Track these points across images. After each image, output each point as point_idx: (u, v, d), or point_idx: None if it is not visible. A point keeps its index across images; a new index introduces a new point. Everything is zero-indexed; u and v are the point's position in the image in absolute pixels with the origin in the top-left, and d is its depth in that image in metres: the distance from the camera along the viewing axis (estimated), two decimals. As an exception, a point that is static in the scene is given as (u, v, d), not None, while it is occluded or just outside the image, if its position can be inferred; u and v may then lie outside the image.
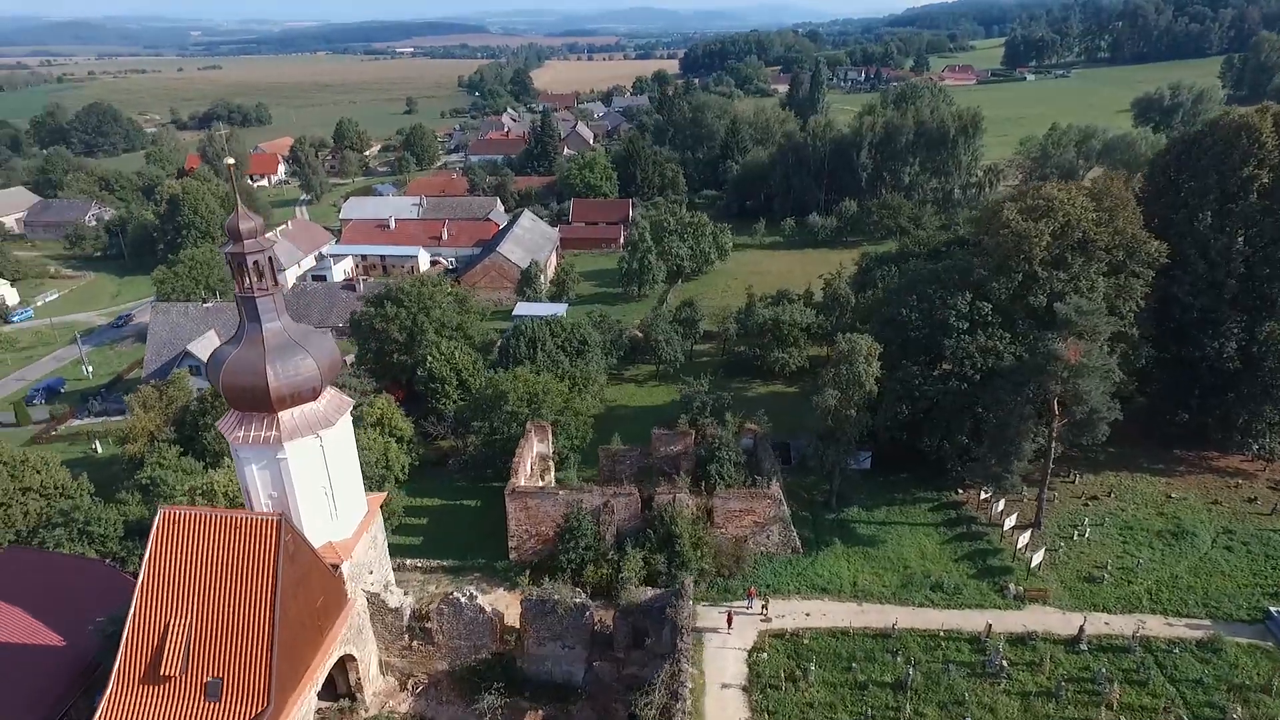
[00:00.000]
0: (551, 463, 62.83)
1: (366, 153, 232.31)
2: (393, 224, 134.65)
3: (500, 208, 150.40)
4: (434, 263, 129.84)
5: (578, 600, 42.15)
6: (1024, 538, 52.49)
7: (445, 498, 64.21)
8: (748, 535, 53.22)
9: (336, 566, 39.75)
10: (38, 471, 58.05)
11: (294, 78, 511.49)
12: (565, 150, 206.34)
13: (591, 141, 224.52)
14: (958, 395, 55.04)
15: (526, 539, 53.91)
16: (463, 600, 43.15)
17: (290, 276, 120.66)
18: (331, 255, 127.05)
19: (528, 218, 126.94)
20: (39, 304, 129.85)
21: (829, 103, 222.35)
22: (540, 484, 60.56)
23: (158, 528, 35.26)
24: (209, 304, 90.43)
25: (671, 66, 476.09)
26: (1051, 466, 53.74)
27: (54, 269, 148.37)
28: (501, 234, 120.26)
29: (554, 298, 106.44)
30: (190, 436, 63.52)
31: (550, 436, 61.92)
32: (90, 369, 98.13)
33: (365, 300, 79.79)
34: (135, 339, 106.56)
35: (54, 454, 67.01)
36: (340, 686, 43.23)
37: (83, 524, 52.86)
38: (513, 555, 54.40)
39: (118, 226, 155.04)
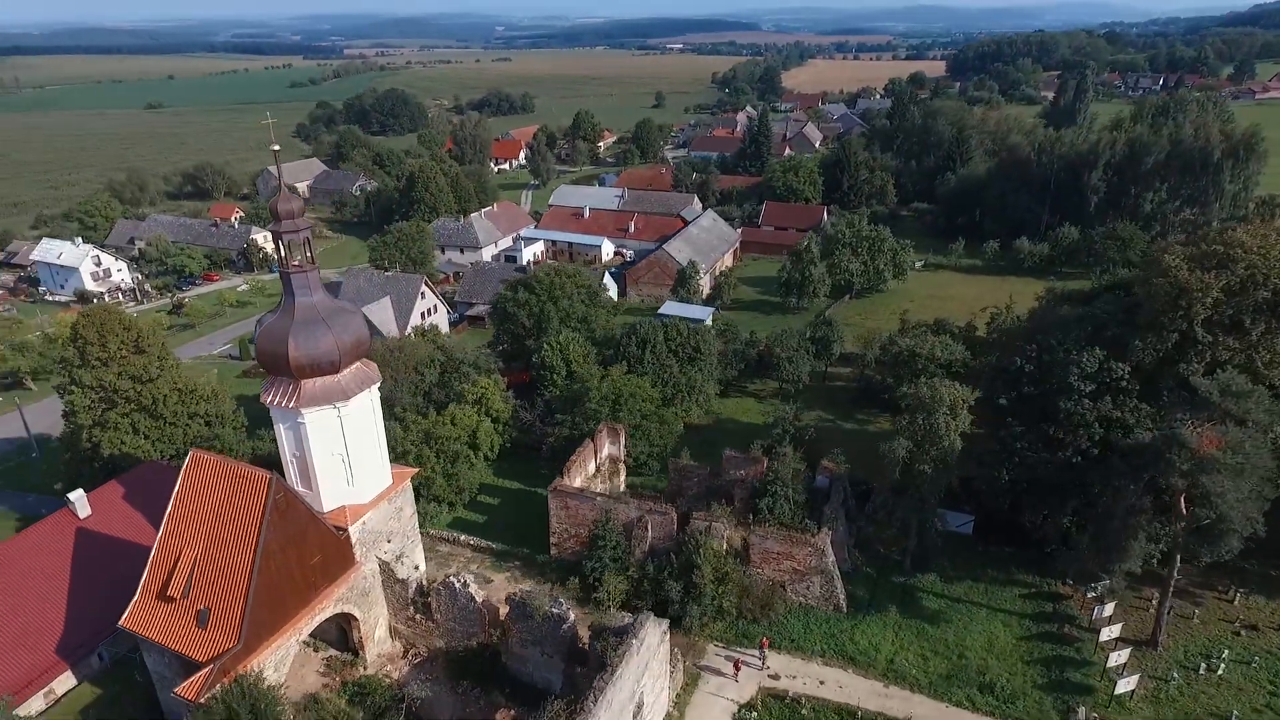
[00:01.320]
0: (623, 466, 62.24)
1: (601, 144, 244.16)
2: (586, 213, 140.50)
3: (697, 205, 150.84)
4: (617, 254, 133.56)
5: (555, 610, 41.47)
6: (1120, 655, 42.92)
7: (525, 483, 66.03)
8: (786, 581, 49.01)
9: (342, 529, 42.67)
10: (206, 400, 68.42)
11: (567, 70, 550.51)
12: (787, 151, 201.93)
13: (817, 144, 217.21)
14: (1066, 469, 46.20)
15: (567, 538, 54.02)
16: (456, 586, 44.31)
17: (485, 254, 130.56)
18: (526, 238, 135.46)
19: (709, 217, 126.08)
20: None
21: (1094, 114, 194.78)
22: (605, 485, 60.46)
23: (187, 467, 40.19)
24: (389, 273, 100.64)
25: (938, 68, 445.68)
26: (1179, 577, 43.43)
27: (319, 230, 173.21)
28: (678, 231, 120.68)
29: (708, 301, 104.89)
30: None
31: (623, 440, 61.29)
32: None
33: (505, 284, 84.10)
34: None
35: (255, 387, 78.22)
36: (351, 641, 46.54)
37: (218, 452, 61.55)
38: (553, 551, 54.85)
39: (374, 197, 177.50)
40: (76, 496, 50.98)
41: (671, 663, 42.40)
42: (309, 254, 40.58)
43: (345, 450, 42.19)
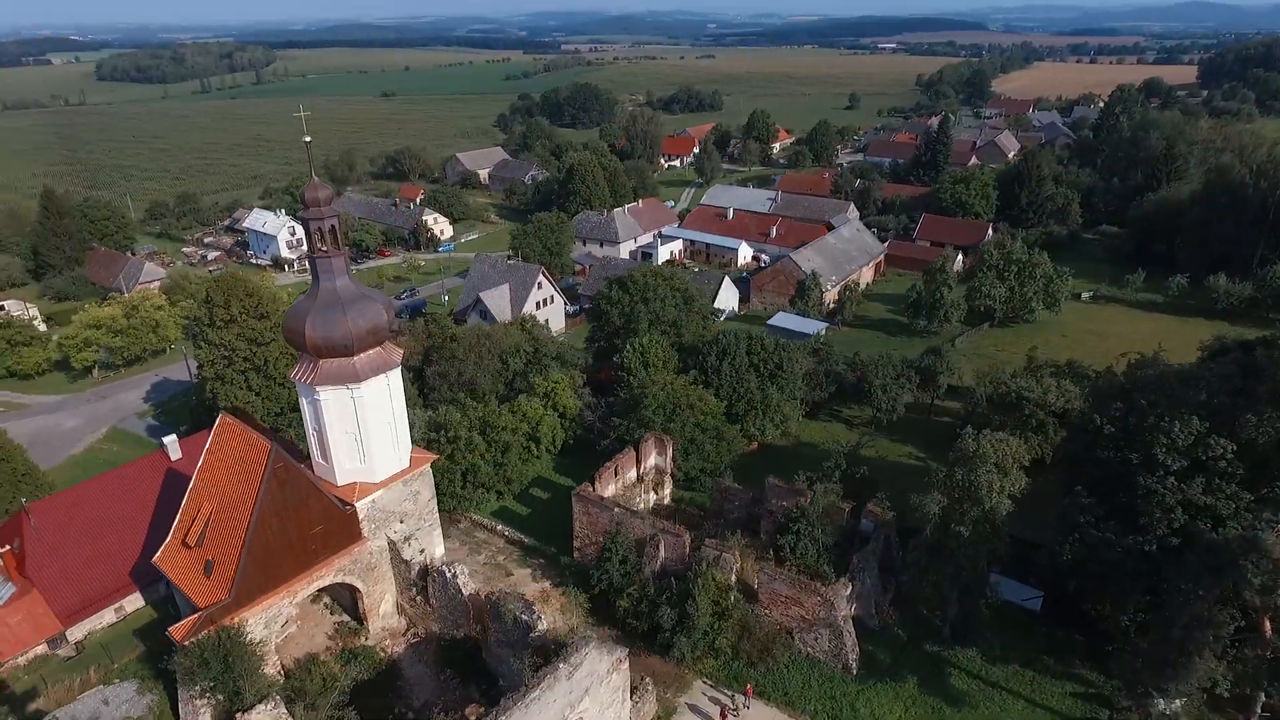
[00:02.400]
0: (669, 479, 60.38)
1: (776, 145, 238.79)
2: (730, 214, 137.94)
3: (852, 214, 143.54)
4: (754, 258, 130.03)
5: (524, 616, 40.92)
6: (1169, 792, 35.51)
7: (579, 481, 65.71)
8: (794, 628, 45.23)
9: (349, 505, 44.69)
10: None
11: (766, 68, 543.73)
12: (972, 161, 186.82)
13: (1010, 155, 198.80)
14: (1136, 556, 38.76)
15: (588, 543, 53.28)
16: (447, 575, 45.02)
17: (623, 250, 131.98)
18: (665, 236, 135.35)
19: (851, 227, 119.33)
20: (462, 240, 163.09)
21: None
22: (648, 497, 59.03)
23: (216, 428, 43.89)
24: (511, 261, 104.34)
25: (1187, 74, 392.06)
26: (1264, 714, 35.13)
27: (490, 215, 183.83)
28: (815, 238, 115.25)
29: (829, 315, 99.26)
30: (419, 369, 75.23)
31: (670, 451, 59.39)
32: (447, 298, 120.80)
33: (606, 281, 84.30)
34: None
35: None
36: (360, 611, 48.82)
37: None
38: (575, 555, 54.34)
39: (542, 187, 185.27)
40: (170, 440, 57.38)
41: (640, 691, 40.57)
42: (336, 241, 42.61)
43: (358, 429, 44.08)
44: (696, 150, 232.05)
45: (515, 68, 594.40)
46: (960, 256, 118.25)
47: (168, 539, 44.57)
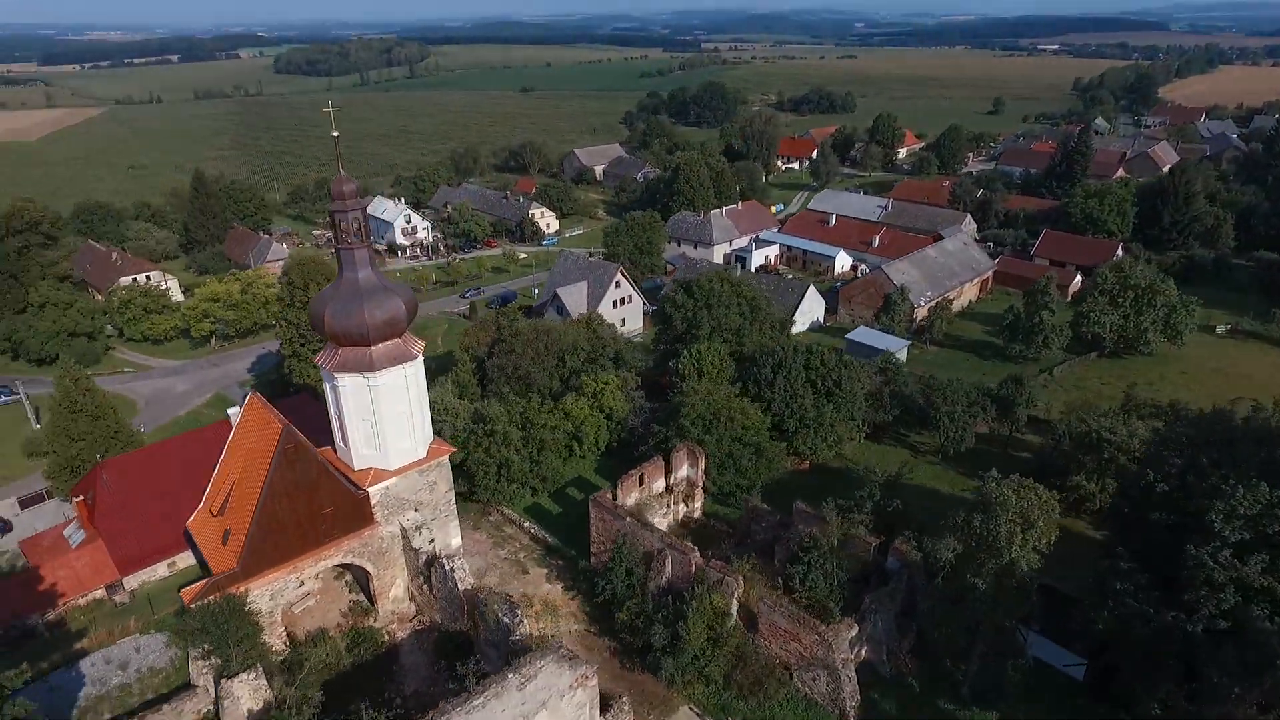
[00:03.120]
0: (700, 492, 58.55)
1: (902, 150, 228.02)
2: (833, 220, 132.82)
3: (967, 226, 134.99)
4: (853, 267, 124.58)
5: (504, 618, 40.69)
6: None
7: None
8: (793, 665, 42.67)
9: (360, 489, 45.99)
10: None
11: (910, 70, 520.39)
12: (1119, 173, 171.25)
13: (1166, 169, 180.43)
14: (1176, 637, 33.83)
15: (603, 550, 52.40)
16: (446, 567, 45.48)
17: (717, 252, 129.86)
18: (762, 240, 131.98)
19: (958, 240, 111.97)
20: (566, 235, 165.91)
21: None
22: (676, 509, 57.54)
23: (245, 406, 46.37)
24: (593, 257, 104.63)
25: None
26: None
27: (598, 211, 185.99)
28: (916, 250, 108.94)
29: (918, 333, 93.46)
30: (482, 359, 76.85)
31: (702, 464, 57.54)
32: (537, 290, 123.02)
33: (674, 284, 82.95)
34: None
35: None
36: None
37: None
38: (592, 559, 53.68)
39: (652, 185, 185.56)
40: (233, 412, 60.85)
41: (615, 710, 39.43)
42: (362, 233, 43.82)
43: (374, 417, 45.27)
44: (816, 153, 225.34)
45: (652, 65, 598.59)
46: (1080, 278, 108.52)
47: (199, 506, 47.54)
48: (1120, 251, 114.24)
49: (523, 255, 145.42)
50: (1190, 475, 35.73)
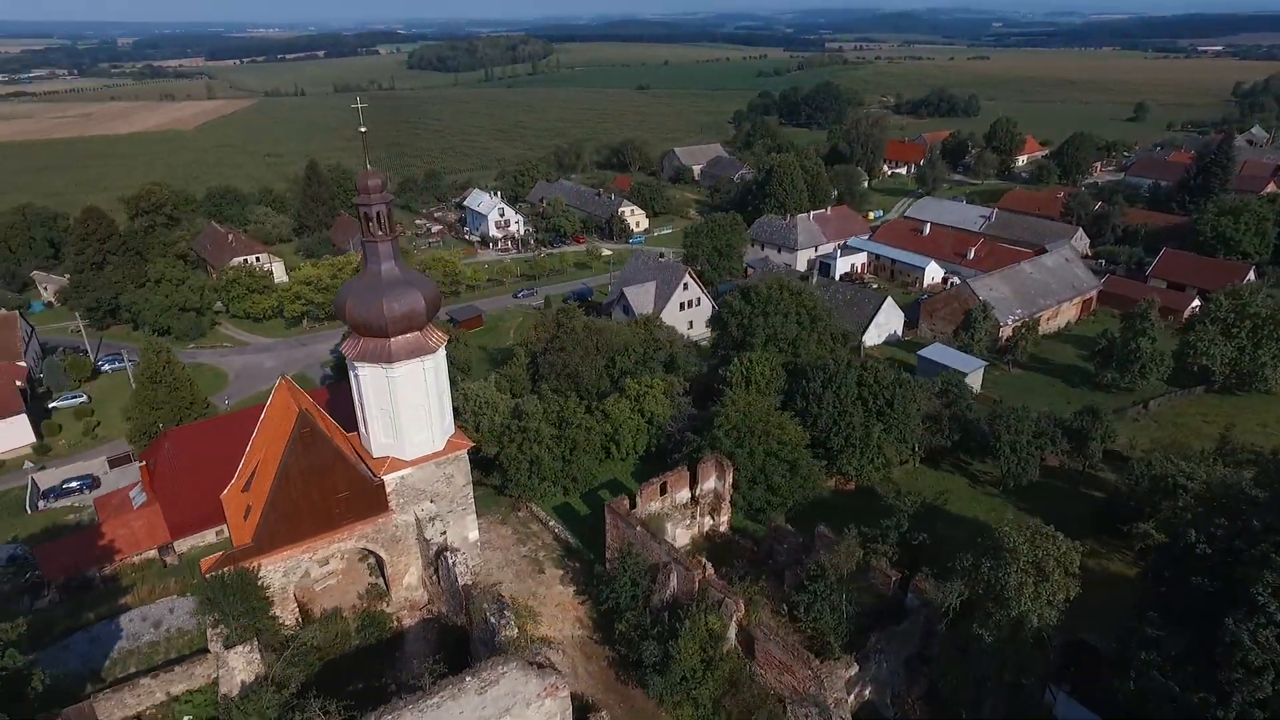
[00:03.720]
0: (727, 505, 56.67)
1: (1022, 157, 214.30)
2: (927, 229, 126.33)
3: (1080, 241, 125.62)
4: (945, 279, 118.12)
5: (491, 619, 40.53)
6: None
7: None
8: (786, 697, 40.52)
9: (375, 476, 47.00)
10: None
11: (1046, 72, 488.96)
12: (1269, 188, 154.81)
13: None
14: (1206, 716, 29.78)
15: (616, 557, 51.62)
16: (448, 560, 45.83)
17: (801, 257, 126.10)
18: (849, 247, 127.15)
19: (1056, 257, 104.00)
20: (654, 234, 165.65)
21: None
22: (700, 521, 56.01)
23: (276, 388, 48.27)
24: (664, 258, 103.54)
25: None
26: None
27: (690, 211, 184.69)
28: (1009, 265, 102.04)
29: (1000, 353, 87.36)
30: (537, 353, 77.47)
31: (729, 477, 55.67)
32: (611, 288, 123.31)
33: (734, 289, 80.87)
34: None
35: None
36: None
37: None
38: (607, 566, 52.94)
39: (747, 186, 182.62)
40: (288, 391, 64.14)
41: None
42: (387, 226, 44.66)
43: (392, 407, 46.16)
44: (925, 159, 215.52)
45: (770, 64, 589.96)
46: (1197, 302, 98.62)
47: (232, 480, 49.93)
48: (1252, 275, 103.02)
49: (606, 252, 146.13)
50: (1239, 540, 31.26)
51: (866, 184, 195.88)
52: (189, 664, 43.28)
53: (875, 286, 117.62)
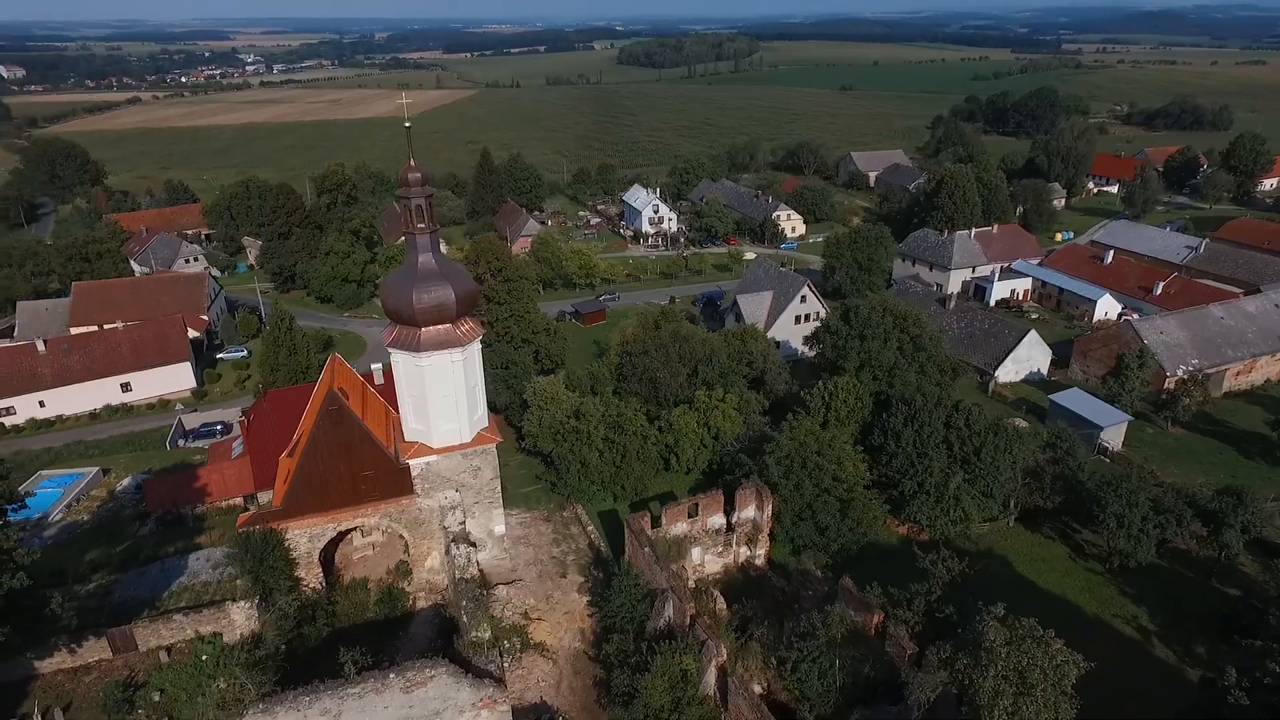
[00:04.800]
0: (764, 537, 52.88)
1: (1269, 180, 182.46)
2: (1109, 258, 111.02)
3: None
4: (1121, 315, 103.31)
5: (465, 618, 40.35)
6: None
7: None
8: (754, 759, 37.03)
9: (398, 458, 48.49)
10: (540, 333, 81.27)
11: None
12: None
13: None
14: None
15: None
16: (453, 551, 46.31)
17: (954, 278, 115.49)
18: (1011, 270, 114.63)
19: (1265, 302, 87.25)
20: (809, 240, 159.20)
21: None
22: (736, 550, 52.85)
23: (327, 365, 51.31)
24: (784, 269, 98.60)
25: None
26: None
27: (854, 219, 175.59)
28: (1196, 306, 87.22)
29: (1159, 407, 74.80)
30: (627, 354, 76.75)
31: (769, 508, 51.86)
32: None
33: (839, 309, 75.28)
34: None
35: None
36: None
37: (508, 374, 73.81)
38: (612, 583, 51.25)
39: (917, 196, 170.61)
40: (376, 367, 67.91)
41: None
42: (426, 218, 45.73)
43: (422, 394, 47.42)
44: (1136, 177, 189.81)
45: (990, 67, 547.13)
46: None
47: (287, 448, 53.64)
48: None
49: (750, 256, 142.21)
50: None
51: (1062, 202, 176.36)
52: (218, 610, 46.99)
53: (1034, 317, 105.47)
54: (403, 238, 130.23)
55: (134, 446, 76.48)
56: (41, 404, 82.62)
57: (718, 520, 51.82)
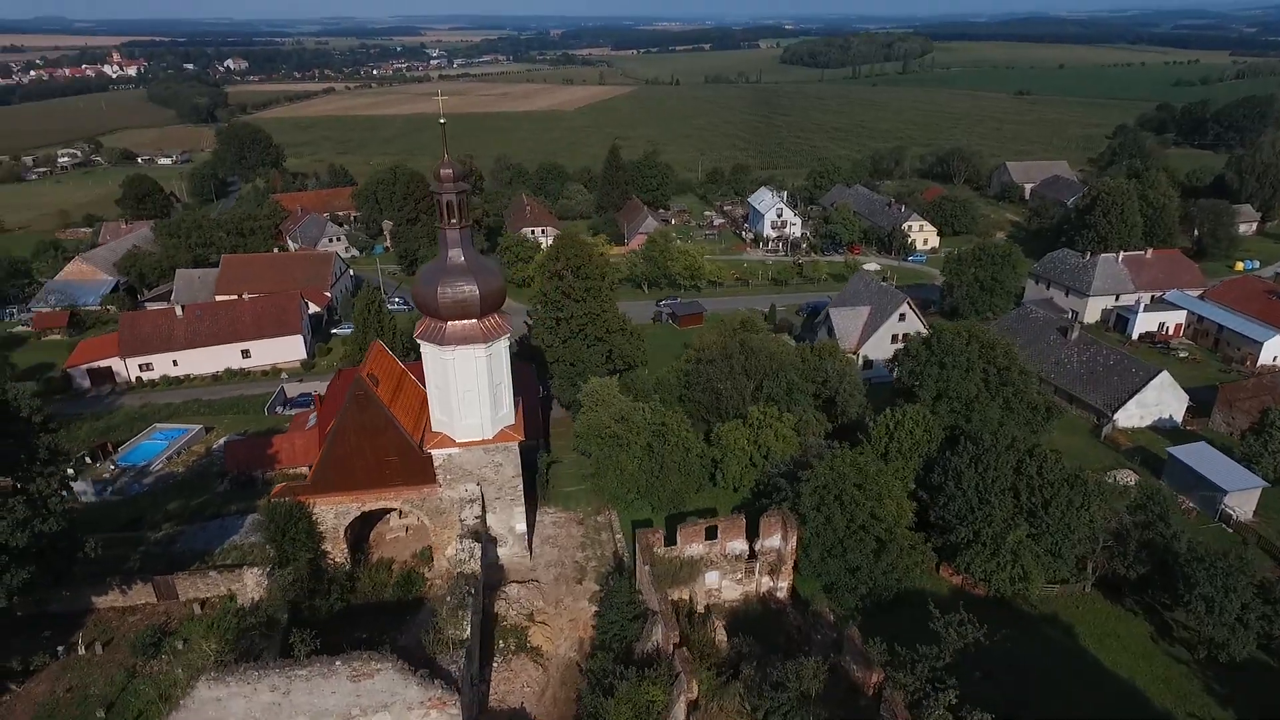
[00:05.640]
0: (789, 569, 49.52)
1: None
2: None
3: None
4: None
5: (436, 613, 40.37)
6: None
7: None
8: (706, 809, 34.68)
9: (420, 446, 49.35)
10: (617, 333, 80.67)
11: None
12: None
13: None
14: None
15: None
16: (458, 545, 46.56)
17: (1093, 305, 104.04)
18: (1163, 301, 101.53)
19: None
20: (939, 254, 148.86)
21: None
22: (757, 581, 49.99)
23: (370, 350, 53.04)
24: (886, 282, 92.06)
25: None
26: None
27: (998, 233, 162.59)
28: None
29: (1309, 475, 63.53)
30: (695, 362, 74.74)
31: (794, 539, 48.47)
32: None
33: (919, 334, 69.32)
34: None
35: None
36: (442, 544, 53.88)
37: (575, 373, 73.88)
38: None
39: (1070, 212, 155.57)
40: (444, 354, 70.02)
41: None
42: (457, 215, 46.14)
43: (448, 386, 48.10)
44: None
45: (1198, 71, 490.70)
46: None
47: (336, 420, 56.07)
48: None
49: (870, 267, 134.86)
50: None
51: (1254, 227, 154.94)
52: (250, 570, 49.90)
53: (1183, 355, 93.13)
54: (523, 229, 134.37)
55: (239, 409, 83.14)
56: (175, 363, 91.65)
57: (738, 546, 49.13)
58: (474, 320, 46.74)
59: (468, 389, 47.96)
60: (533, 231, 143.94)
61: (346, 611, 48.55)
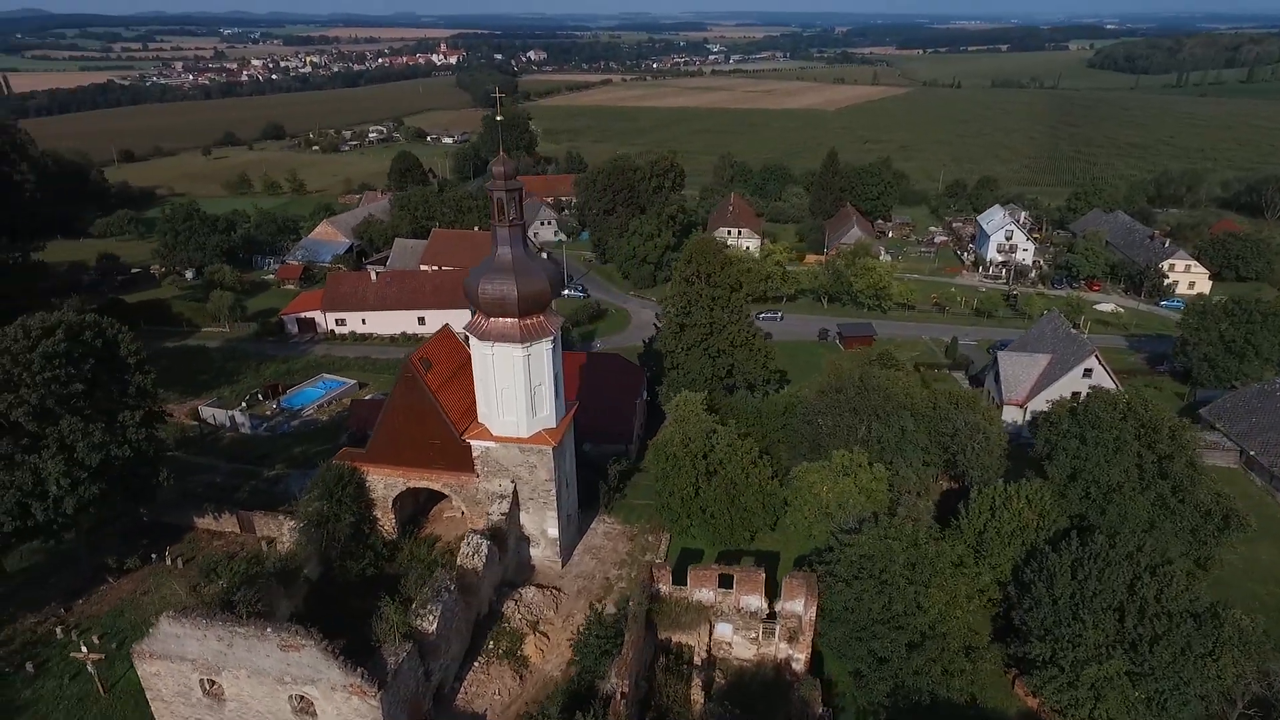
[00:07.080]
0: (807, 640, 43.51)
1: None
2: None
3: None
4: None
5: (417, 602, 40.68)
6: None
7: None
8: None
9: (461, 433, 50.08)
10: (741, 346, 76.65)
11: None
12: None
13: None
14: None
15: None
16: (468, 538, 46.72)
17: None
18: None
19: None
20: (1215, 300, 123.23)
21: None
22: (778, 643, 44.78)
23: (439, 333, 54.90)
24: (1076, 330, 76.86)
25: None
26: None
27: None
28: None
29: None
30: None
31: (813, 610, 42.42)
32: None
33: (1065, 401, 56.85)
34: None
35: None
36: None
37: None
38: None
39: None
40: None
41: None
42: (511, 213, 45.87)
43: (492, 381, 48.46)
44: None
45: None
46: None
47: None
48: None
49: (1105, 307, 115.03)
50: None
51: None
52: (279, 521, 54.10)
53: None
54: (721, 228, 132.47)
55: (396, 371, 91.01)
56: (364, 321, 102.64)
57: (754, 602, 44.17)
58: (513, 319, 46.40)
59: (505, 386, 47.92)
60: (729, 232, 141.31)
61: (380, 578, 50.98)
